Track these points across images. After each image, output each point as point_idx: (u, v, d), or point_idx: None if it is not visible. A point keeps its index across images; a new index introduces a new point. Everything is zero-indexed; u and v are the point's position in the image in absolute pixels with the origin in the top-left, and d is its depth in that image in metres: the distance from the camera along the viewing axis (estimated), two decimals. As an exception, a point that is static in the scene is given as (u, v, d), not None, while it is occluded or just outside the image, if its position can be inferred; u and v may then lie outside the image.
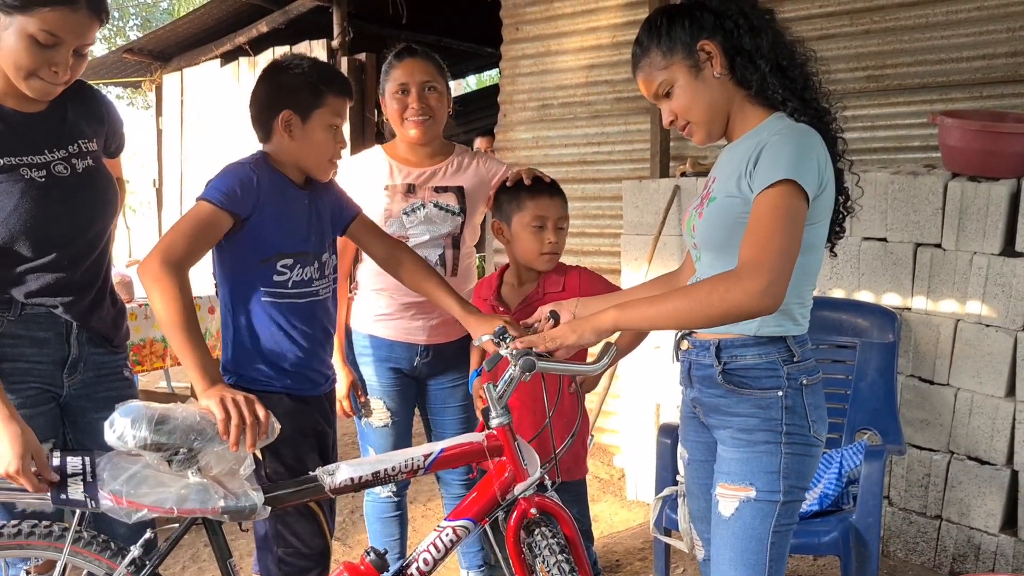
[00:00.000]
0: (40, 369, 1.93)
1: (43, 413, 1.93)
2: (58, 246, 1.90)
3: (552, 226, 2.36)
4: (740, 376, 1.76)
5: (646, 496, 3.88)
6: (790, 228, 1.60)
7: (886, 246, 3.21)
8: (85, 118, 1.99)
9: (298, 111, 2.03)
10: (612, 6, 4.66)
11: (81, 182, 1.93)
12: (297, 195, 2.10)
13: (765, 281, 1.56)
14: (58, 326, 1.95)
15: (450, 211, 2.54)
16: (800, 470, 1.74)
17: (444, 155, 2.62)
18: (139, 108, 17.49)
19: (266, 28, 6.66)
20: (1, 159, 1.81)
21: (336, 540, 3.55)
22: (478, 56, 8.94)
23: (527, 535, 1.94)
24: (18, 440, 1.69)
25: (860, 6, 3.85)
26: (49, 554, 1.81)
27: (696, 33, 1.73)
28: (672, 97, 1.78)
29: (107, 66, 8.26)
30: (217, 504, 1.75)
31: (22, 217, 1.83)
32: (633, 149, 4.63)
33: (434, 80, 2.53)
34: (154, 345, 4.07)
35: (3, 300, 1.87)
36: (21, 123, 1.86)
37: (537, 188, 2.38)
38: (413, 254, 2.28)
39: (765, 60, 1.72)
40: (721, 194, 1.74)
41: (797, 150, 1.63)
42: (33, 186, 1.84)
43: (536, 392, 2.24)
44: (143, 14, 18.58)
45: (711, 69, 1.73)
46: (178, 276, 1.84)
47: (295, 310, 2.07)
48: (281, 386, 2.05)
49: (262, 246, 2.02)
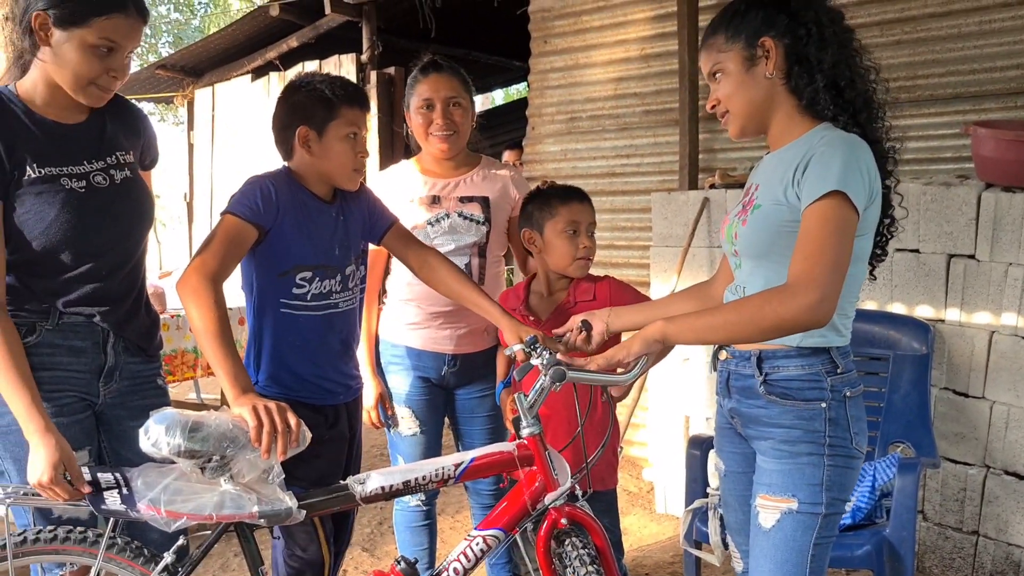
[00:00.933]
0: (77, 378, 1.95)
1: (79, 421, 1.95)
2: (96, 255, 1.93)
3: (584, 231, 2.36)
4: (782, 387, 1.74)
5: (675, 509, 3.85)
6: (841, 241, 1.59)
7: (919, 257, 3.18)
8: (123, 131, 2.03)
9: (313, 126, 2.09)
10: (641, 19, 4.67)
11: (119, 193, 1.96)
12: (321, 208, 2.14)
13: (818, 296, 1.56)
14: (95, 335, 1.97)
15: (475, 220, 2.56)
16: (842, 482, 1.72)
17: (470, 166, 2.64)
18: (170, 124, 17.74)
19: (296, 43, 6.73)
20: (42, 169, 1.84)
21: (364, 551, 3.57)
22: (506, 70, 8.98)
23: (557, 545, 1.93)
24: (52, 451, 1.72)
25: (891, 17, 3.83)
26: (84, 560, 1.83)
27: (764, 28, 1.72)
28: (719, 82, 1.79)
29: (140, 82, 8.39)
30: (253, 509, 1.76)
31: (63, 227, 1.86)
32: (662, 161, 4.62)
33: (459, 95, 2.54)
34: (185, 356, 4.12)
35: (41, 309, 1.90)
36: (61, 135, 1.90)
37: (567, 194, 2.39)
38: (447, 261, 2.30)
39: (823, 75, 1.70)
40: (767, 202, 1.73)
41: (846, 160, 1.62)
42: (73, 196, 1.87)
43: (568, 401, 2.24)
44: (175, 31, 18.86)
45: (764, 67, 1.73)
46: (213, 289, 1.91)
47: (312, 321, 2.13)
48: (296, 395, 2.08)
49: (281, 259, 2.08)
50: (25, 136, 1.83)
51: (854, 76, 1.73)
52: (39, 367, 1.87)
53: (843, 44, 1.73)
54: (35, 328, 1.89)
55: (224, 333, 1.88)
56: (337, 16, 6.25)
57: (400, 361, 2.60)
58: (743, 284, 1.82)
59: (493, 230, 2.58)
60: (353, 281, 2.20)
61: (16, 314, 1.86)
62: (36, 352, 1.88)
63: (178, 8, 19.11)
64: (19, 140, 1.82)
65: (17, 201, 1.82)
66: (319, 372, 2.17)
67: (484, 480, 2.64)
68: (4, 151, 1.80)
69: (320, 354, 2.16)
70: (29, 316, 1.89)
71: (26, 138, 1.83)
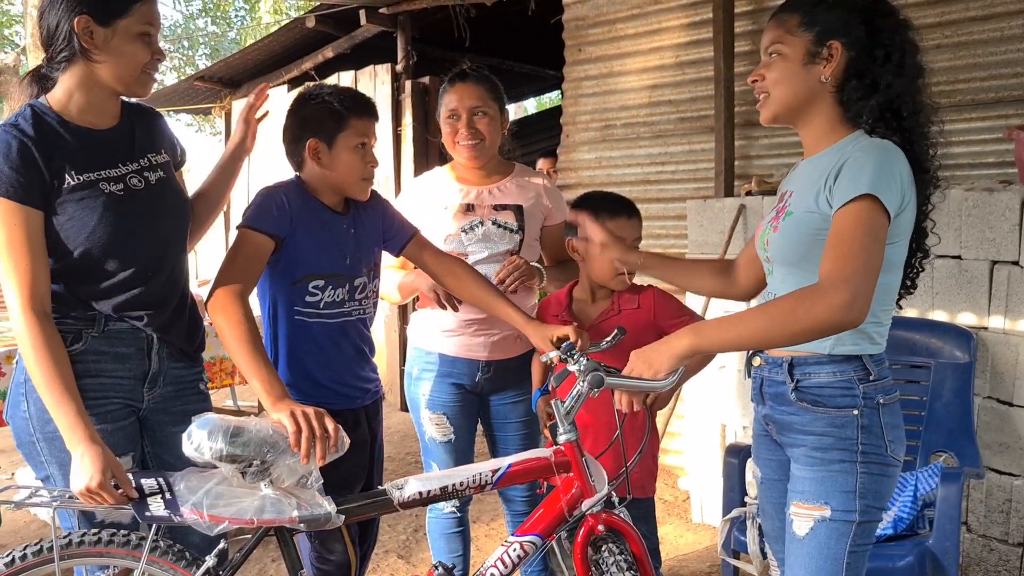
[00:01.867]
0: (122, 384, 1.98)
1: (123, 428, 1.98)
2: (138, 258, 1.96)
3: (633, 243, 2.33)
4: (814, 394, 1.73)
5: (712, 518, 3.82)
6: (872, 243, 1.57)
7: (961, 264, 3.13)
8: (149, 133, 2.07)
9: (323, 138, 2.13)
10: (675, 26, 4.66)
11: (156, 194, 2.00)
12: (333, 219, 2.18)
13: (849, 295, 1.54)
14: (139, 341, 2.00)
15: (508, 228, 2.56)
16: (877, 490, 1.70)
17: (503, 174, 2.65)
18: (207, 134, 18.00)
19: (332, 54, 6.80)
20: (81, 176, 1.88)
21: (400, 558, 3.58)
22: (538, 78, 9.00)
23: (594, 552, 1.93)
24: (99, 458, 1.75)
25: (931, 21, 3.78)
26: (127, 563, 1.86)
27: (839, 31, 1.69)
28: (773, 62, 1.75)
29: (179, 93, 8.52)
30: (293, 514, 1.78)
31: (105, 230, 1.89)
32: (697, 169, 4.60)
33: (485, 105, 2.54)
34: (223, 363, 4.16)
35: (87, 317, 1.93)
36: (96, 140, 1.94)
37: (616, 208, 2.36)
38: (471, 269, 2.34)
39: (881, 97, 1.67)
40: (799, 209, 1.71)
41: (879, 165, 1.61)
42: (113, 200, 1.91)
43: (608, 407, 2.23)
44: (212, 43, 19.13)
45: (821, 69, 1.70)
46: (240, 302, 1.96)
47: (326, 328, 2.17)
48: (314, 400, 2.08)
49: (294, 268, 2.12)
50: (62, 146, 1.87)
51: (917, 109, 1.70)
52: (85, 374, 1.90)
53: (914, 76, 1.70)
54: (81, 335, 1.92)
55: (255, 344, 1.92)
56: (372, 27, 6.30)
57: (433, 368, 2.61)
58: (774, 291, 1.81)
59: (526, 238, 2.59)
60: (363, 292, 2.23)
61: (62, 322, 1.89)
62: (82, 359, 1.91)
63: (215, 21, 19.39)
64: (57, 150, 1.86)
65: (59, 209, 1.86)
66: (335, 377, 2.20)
67: (517, 487, 2.64)
68: (43, 162, 1.83)
69: (335, 360, 2.20)
70: (75, 323, 1.92)
71: (63, 148, 1.87)
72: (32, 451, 1.93)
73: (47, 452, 1.90)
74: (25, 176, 1.81)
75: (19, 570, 1.78)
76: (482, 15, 5.87)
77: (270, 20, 16.43)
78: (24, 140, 1.82)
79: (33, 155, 1.82)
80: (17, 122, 1.85)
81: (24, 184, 1.80)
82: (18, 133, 1.83)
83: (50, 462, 1.91)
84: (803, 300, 1.58)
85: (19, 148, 1.81)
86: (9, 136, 1.82)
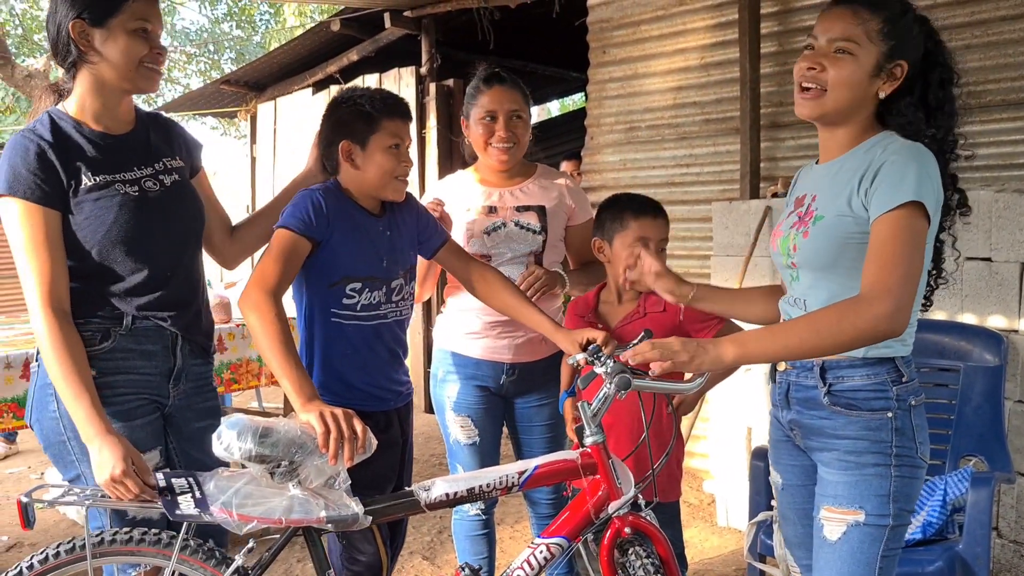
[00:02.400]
0: (149, 380, 2.02)
1: (150, 423, 2.02)
2: (155, 258, 2.01)
3: (653, 248, 2.33)
4: (848, 397, 1.71)
5: (737, 522, 3.80)
6: (914, 252, 1.58)
7: (991, 266, 3.10)
8: (165, 139, 2.13)
9: (355, 140, 2.14)
10: (700, 28, 4.65)
11: (170, 196, 2.05)
12: (369, 222, 2.19)
13: (892, 306, 1.54)
14: (164, 339, 2.04)
15: (531, 230, 2.57)
16: (908, 493, 1.69)
17: (525, 176, 2.65)
18: (233, 137, 18.11)
19: (356, 57, 6.83)
20: (97, 177, 1.93)
21: (425, 559, 3.59)
22: (562, 80, 8.99)
23: (621, 554, 1.92)
24: (118, 447, 1.78)
25: (960, 21, 3.75)
26: (157, 561, 1.88)
27: (910, 49, 1.68)
28: (838, 60, 1.66)
29: (205, 97, 8.59)
30: (320, 514, 1.79)
31: (121, 229, 1.94)
32: (722, 170, 4.58)
33: (520, 108, 2.56)
34: (249, 364, 4.18)
35: (115, 315, 1.97)
36: (111, 144, 1.99)
37: (641, 208, 2.36)
38: (499, 275, 2.35)
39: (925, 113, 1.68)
40: (830, 213, 1.70)
41: (919, 170, 1.60)
42: (128, 200, 1.96)
43: (632, 410, 2.23)
44: (237, 47, 19.26)
45: (881, 84, 1.68)
46: (274, 302, 1.97)
47: (361, 331, 2.18)
48: (347, 401, 2.09)
49: (331, 270, 2.13)
50: (78, 149, 1.93)
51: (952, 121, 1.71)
52: (115, 371, 1.95)
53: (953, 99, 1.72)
54: (109, 334, 1.96)
55: (287, 344, 1.92)
56: (397, 30, 6.33)
57: (458, 370, 2.62)
58: (803, 296, 1.78)
59: (549, 239, 2.59)
60: (399, 295, 2.24)
61: (89, 321, 1.93)
62: (111, 357, 1.95)
63: (240, 25, 19.51)
64: (73, 153, 1.92)
65: (77, 209, 1.91)
66: (369, 379, 2.21)
67: (542, 490, 2.64)
68: (60, 165, 1.89)
69: (369, 362, 2.20)
70: (103, 322, 1.96)
71: (80, 150, 1.93)
72: (62, 451, 1.95)
73: (78, 450, 1.92)
74: (43, 179, 1.86)
75: (51, 568, 1.81)
76: (506, 18, 5.88)
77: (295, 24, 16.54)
78: (41, 144, 1.88)
79: (50, 159, 1.88)
80: (35, 128, 1.92)
81: (42, 186, 1.86)
82: (36, 138, 1.89)
83: (81, 460, 1.93)
84: (848, 312, 1.58)
85: (37, 152, 1.87)
86: (27, 141, 1.88)
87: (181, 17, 20.19)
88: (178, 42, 19.28)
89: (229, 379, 4.04)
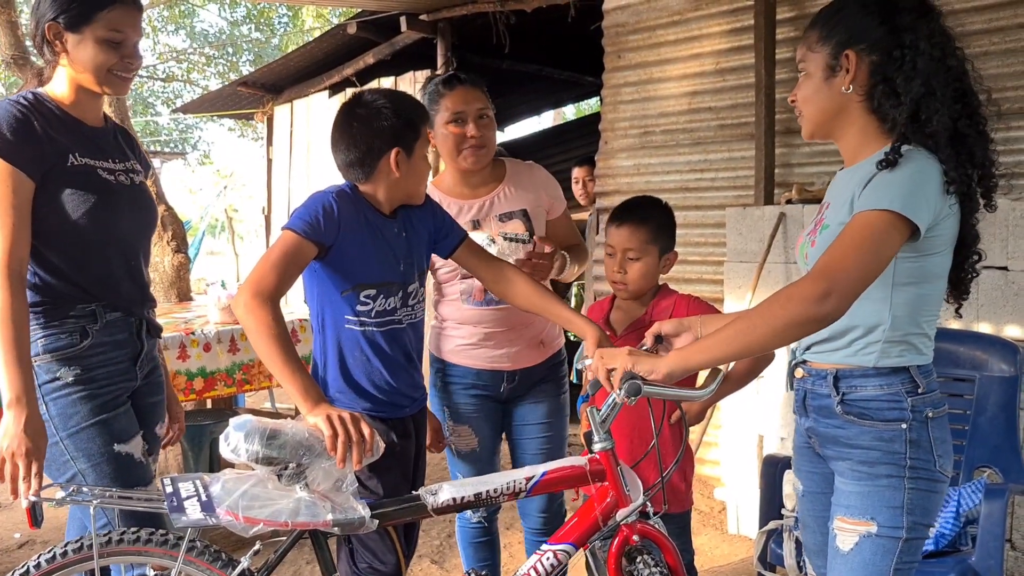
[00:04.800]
0: (121, 368, 2.09)
1: (129, 410, 2.10)
2: (125, 245, 2.10)
3: (621, 256, 2.33)
4: (861, 407, 1.69)
5: (748, 530, 3.77)
6: (869, 248, 1.55)
7: (1007, 275, 3.07)
8: (129, 146, 2.24)
9: (404, 147, 2.11)
10: (716, 33, 4.63)
11: (138, 193, 2.16)
12: (385, 224, 2.15)
13: (824, 288, 1.53)
14: (129, 326, 2.12)
15: (520, 240, 2.52)
16: (924, 506, 1.66)
17: (497, 180, 2.59)
18: (249, 139, 18.22)
19: (372, 60, 6.85)
20: (83, 159, 2.02)
21: (434, 563, 3.59)
22: (577, 85, 8.99)
23: (628, 563, 1.91)
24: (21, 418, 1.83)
25: (978, 28, 3.72)
26: (164, 562, 1.87)
27: (854, 39, 1.67)
28: (800, 82, 1.76)
29: (223, 98, 8.64)
30: (327, 517, 1.79)
31: (98, 214, 2.00)
32: (737, 176, 4.56)
33: (486, 107, 2.51)
34: (261, 365, 4.19)
35: (87, 312, 2.02)
36: (90, 133, 2.08)
37: (613, 216, 2.39)
38: (523, 274, 2.29)
39: (908, 106, 1.62)
40: (834, 221, 1.69)
41: (909, 179, 1.57)
42: (108, 186, 2.05)
43: (632, 421, 2.22)
44: (255, 50, 19.37)
45: (842, 80, 1.68)
46: (270, 307, 1.91)
47: (377, 337, 2.14)
48: (363, 407, 2.09)
49: (344, 277, 2.10)
50: (63, 128, 2.01)
51: (939, 109, 1.61)
52: (96, 366, 2.02)
53: (938, 73, 1.62)
54: (87, 331, 2.01)
55: (286, 350, 1.87)
56: (413, 33, 6.34)
57: (459, 380, 2.59)
58: None
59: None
60: (415, 299, 2.21)
61: (65, 322, 1.99)
62: (92, 353, 2.01)
63: (258, 28, 19.62)
64: (57, 130, 1.99)
65: (58, 185, 1.96)
66: (388, 385, 2.17)
67: (535, 503, 2.63)
68: (43, 135, 1.95)
69: (386, 368, 2.16)
70: (78, 321, 2.01)
71: (64, 129, 2.01)
72: (55, 453, 1.96)
73: (72, 449, 1.97)
74: (23, 143, 1.92)
75: (59, 567, 1.81)
76: (522, 22, 5.88)
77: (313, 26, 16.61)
78: (27, 111, 1.95)
79: (33, 126, 1.94)
80: (19, 98, 1.99)
81: (21, 150, 1.91)
82: (21, 105, 1.96)
83: (77, 458, 1.98)
84: (780, 296, 1.59)
85: (21, 117, 1.93)
86: (12, 107, 1.95)
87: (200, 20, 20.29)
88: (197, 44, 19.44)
89: (241, 379, 4.03)
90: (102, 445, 1.98)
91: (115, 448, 2.00)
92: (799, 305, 1.55)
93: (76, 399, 1.97)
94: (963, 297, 1.79)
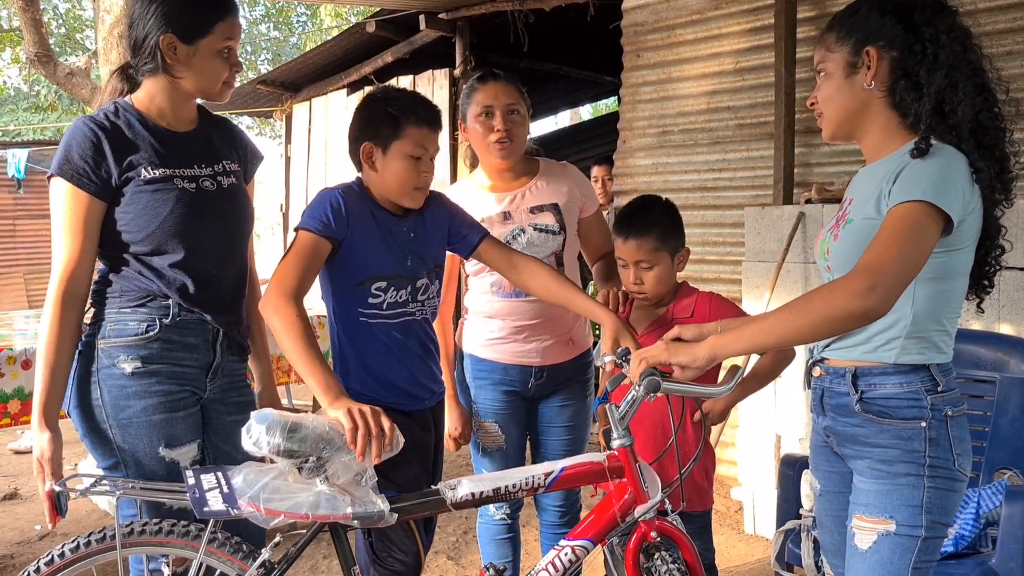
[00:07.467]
0: (190, 373, 2.06)
1: (191, 415, 2.07)
2: (205, 253, 2.05)
3: (633, 268, 2.31)
4: (879, 405, 1.69)
5: (765, 530, 3.76)
6: (911, 241, 1.54)
7: (1029, 276, 3.04)
8: (227, 144, 2.18)
9: (378, 143, 2.11)
10: (735, 32, 4.62)
11: (226, 197, 2.10)
12: (391, 222, 2.16)
13: (870, 282, 1.52)
14: (206, 333, 2.08)
15: (550, 231, 2.54)
16: (943, 505, 1.65)
17: (530, 174, 2.61)
18: (267, 137, 18.30)
19: (391, 58, 6.88)
20: (157, 171, 1.99)
21: (450, 559, 3.60)
22: (595, 84, 8.99)
23: (646, 559, 1.91)
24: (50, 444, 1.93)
25: (1002, 27, 3.70)
26: (185, 552, 1.89)
27: (874, 36, 1.67)
28: (819, 83, 1.77)
29: (242, 97, 8.69)
30: (347, 510, 1.79)
31: (176, 223, 1.99)
32: (755, 175, 4.55)
33: (517, 104, 2.53)
34: (280, 361, 4.21)
35: (162, 307, 2.02)
36: (173, 141, 2.05)
37: (618, 227, 2.36)
38: (546, 267, 2.30)
39: (931, 98, 1.62)
40: (859, 216, 1.68)
41: (940, 171, 1.57)
42: (185, 195, 2.01)
43: (654, 417, 2.21)
44: (274, 48, 19.47)
45: (864, 77, 1.68)
46: (295, 305, 1.95)
47: (391, 329, 2.16)
48: (381, 400, 2.09)
49: (355, 270, 2.12)
50: (139, 141, 1.99)
51: (962, 100, 1.62)
52: (157, 360, 2.00)
53: (959, 66, 1.63)
54: (155, 323, 2.01)
55: (310, 345, 1.90)
56: (431, 32, 6.37)
57: (487, 376, 2.60)
58: None
59: (568, 236, 2.57)
60: (425, 294, 2.21)
61: (137, 311, 2.00)
62: (155, 347, 2.01)
63: (277, 26, 19.72)
64: (131, 145, 1.98)
65: (133, 199, 1.96)
66: (405, 377, 2.19)
67: (552, 497, 2.64)
68: (113, 156, 1.94)
69: (404, 360, 2.18)
70: (151, 312, 2.01)
71: (140, 143, 1.99)
72: (102, 439, 1.99)
73: (120, 438, 1.98)
74: (93, 167, 1.93)
75: (82, 556, 1.83)
76: (540, 21, 5.89)
77: (332, 25, 16.67)
78: (98, 133, 1.95)
79: (104, 149, 1.94)
80: (96, 116, 1.99)
81: (90, 175, 1.93)
82: (94, 126, 1.95)
83: (122, 449, 1.99)
84: (823, 288, 1.59)
85: (92, 140, 1.94)
86: (86, 128, 1.95)
87: (219, 18, 20.37)
88: (216, 42, 19.50)
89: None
90: (148, 445, 1.99)
91: (160, 452, 2.00)
92: (843, 298, 1.54)
93: (131, 393, 1.98)
94: (986, 291, 1.78)
